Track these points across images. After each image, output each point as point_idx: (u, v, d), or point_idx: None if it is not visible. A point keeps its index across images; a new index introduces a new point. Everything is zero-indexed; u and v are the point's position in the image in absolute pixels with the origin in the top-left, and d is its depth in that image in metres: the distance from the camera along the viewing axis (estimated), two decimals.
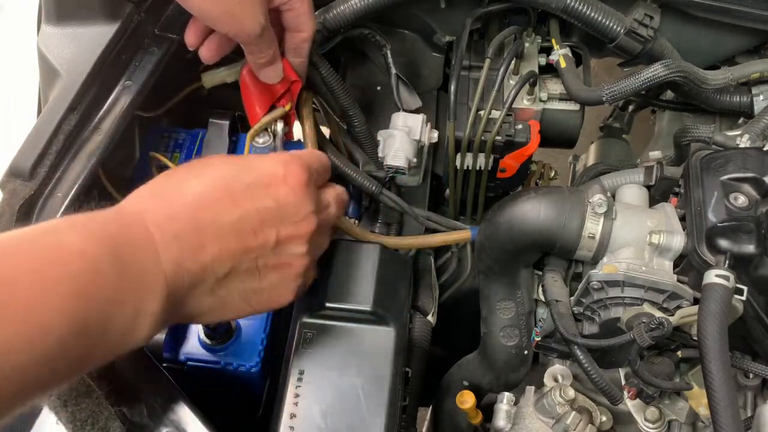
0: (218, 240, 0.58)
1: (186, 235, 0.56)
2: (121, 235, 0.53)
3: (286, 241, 0.63)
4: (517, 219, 0.78)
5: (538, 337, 0.86)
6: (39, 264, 0.46)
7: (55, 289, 0.45)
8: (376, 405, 0.71)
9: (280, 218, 0.62)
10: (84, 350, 0.48)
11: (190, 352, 0.79)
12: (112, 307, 0.49)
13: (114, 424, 0.63)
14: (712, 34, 0.93)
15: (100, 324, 0.49)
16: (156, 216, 0.56)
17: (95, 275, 0.48)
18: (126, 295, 0.51)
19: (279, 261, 0.63)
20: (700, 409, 0.78)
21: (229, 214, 0.59)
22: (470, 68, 0.95)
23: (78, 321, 0.46)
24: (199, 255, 0.57)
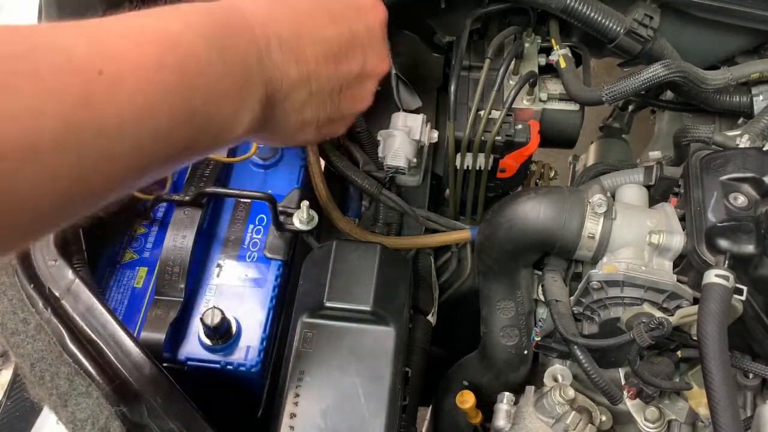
0: (316, 54, 0.57)
1: (288, 39, 0.55)
2: (226, 26, 0.51)
3: (367, 75, 0.63)
4: (517, 219, 0.78)
5: (538, 337, 0.86)
6: (145, 47, 0.45)
7: (162, 73, 0.44)
8: (376, 405, 0.71)
9: (367, 47, 0.62)
10: (189, 137, 0.47)
11: (190, 352, 0.79)
12: (216, 98, 0.48)
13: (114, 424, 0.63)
14: (712, 34, 0.93)
15: (205, 113, 0.48)
16: (257, 13, 0.54)
17: (201, 65, 0.47)
18: (229, 87, 0.50)
19: (356, 93, 0.63)
20: (699, 409, 0.78)
21: (327, 30, 0.58)
22: (470, 68, 0.95)
23: (184, 108, 0.46)
24: (301, 64, 0.56)
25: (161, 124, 0.44)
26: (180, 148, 0.47)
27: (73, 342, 0.67)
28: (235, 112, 0.51)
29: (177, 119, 0.45)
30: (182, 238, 0.84)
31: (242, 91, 0.51)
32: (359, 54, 0.61)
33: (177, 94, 0.45)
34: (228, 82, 0.49)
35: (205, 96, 0.47)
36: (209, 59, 0.48)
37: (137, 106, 0.42)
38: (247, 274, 0.86)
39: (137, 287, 0.86)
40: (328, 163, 0.91)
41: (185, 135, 0.47)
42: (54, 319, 0.69)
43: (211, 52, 0.48)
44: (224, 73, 0.49)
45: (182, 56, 0.46)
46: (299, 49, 0.56)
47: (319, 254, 0.83)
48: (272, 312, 0.83)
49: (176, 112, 0.45)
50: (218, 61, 0.48)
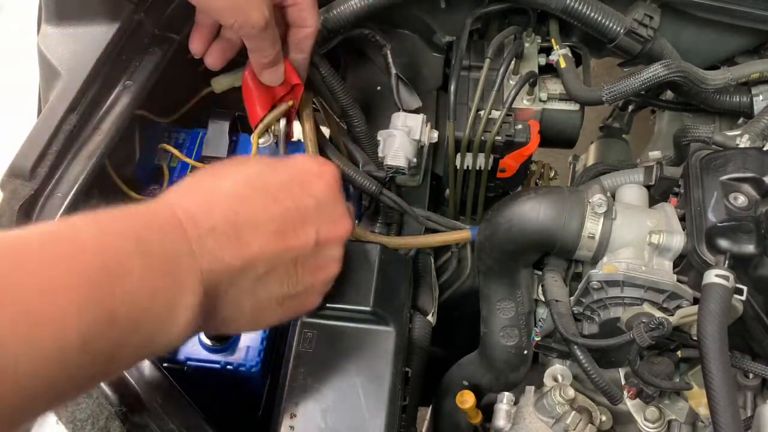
0: (258, 236, 0.56)
1: (224, 229, 0.54)
2: (148, 227, 0.50)
3: (325, 243, 0.62)
4: (517, 219, 0.78)
5: (538, 337, 0.86)
6: (50, 261, 0.43)
7: (69, 287, 0.43)
8: (376, 405, 0.71)
9: (320, 217, 0.61)
10: (113, 347, 0.45)
11: (190, 352, 0.79)
12: (141, 299, 0.47)
13: (114, 424, 0.63)
14: (712, 34, 0.93)
15: (130, 318, 0.46)
16: (189, 208, 0.53)
17: (117, 267, 0.45)
18: (156, 287, 0.48)
19: (316, 263, 0.62)
20: (699, 409, 0.78)
21: (269, 211, 0.57)
22: (470, 68, 0.95)
23: (102, 317, 0.44)
24: (240, 249, 0.54)
25: (75, 337, 0.42)
26: (102, 361, 0.45)
27: None
28: (167, 311, 0.49)
29: (96, 330, 0.43)
30: None
31: (172, 289, 0.49)
32: (309, 227, 0.60)
33: (95, 302, 0.43)
34: (153, 283, 0.48)
35: (126, 300, 0.46)
36: (129, 264, 0.46)
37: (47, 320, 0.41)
38: None
39: None
40: None
41: (107, 346, 0.45)
42: None
43: (132, 257, 0.47)
44: (150, 274, 0.47)
45: (95, 266, 0.44)
46: (237, 236, 0.54)
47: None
48: None
49: (94, 323, 0.43)
50: (140, 264, 0.47)
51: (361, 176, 0.90)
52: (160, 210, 0.52)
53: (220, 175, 0.59)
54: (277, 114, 0.84)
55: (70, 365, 0.43)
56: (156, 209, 0.52)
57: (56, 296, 0.42)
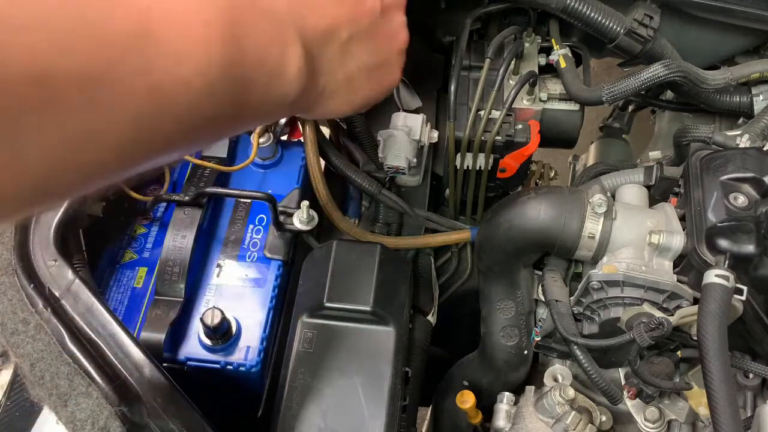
0: (334, 2, 0.57)
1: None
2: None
3: (389, 8, 0.62)
4: (517, 219, 0.78)
5: (538, 337, 0.86)
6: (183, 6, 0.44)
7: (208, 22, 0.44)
8: (376, 405, 0.71)
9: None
10: (242, 84, 0.47)
11: (190, 352, 0.79)
12: (258, 41, 0.48)
13: (114, 424, 0.63)
14: (712, 34, 0.93)
15: (254, 55, 0.47)
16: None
17: (239, 13, 0.47)
18: (268, 32, 0.49)
19: (389, 29, 0.63)
20: (699, 408, 0.78)
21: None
22: (470, 68, 0.95)
23: (233, 48, 0.45)
24: (322, 13, 0.55)
25: (215, 58, 0.44)
26: (234, 99, 0.47)
27: (73, 342, 0.67)
28: (280, 56, 0.50)
29: (229, 55, 0.45)
30: (182, 238, 0.84)
31: (282, 34, 0.51)
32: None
33: (225, 29, 0.45)
34: (267, 26, 0.49)
35: (250, 35, 0.47)
36: (245, 4, 0.48)
37: (190, 40, 0.42)
38: (247, 274, 0.86)
39: (137, 287, 0.86)
40: (328, 163, 0.91)
41: (238, 78, 0.46)
42: (54, 319, 0.69)
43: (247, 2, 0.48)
44: (262, 17, 0.49)
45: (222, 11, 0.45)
46: (314, 3, 0.55)
47: (319, 254, 0.83)
48: (272, 312, 0.83)
49: (227, 48, 0.45)
50: (254, 7, 0.48)
51: (361, 176, 0.90)
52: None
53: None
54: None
55: (209, 94, 0.44)
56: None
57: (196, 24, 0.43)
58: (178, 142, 0.45)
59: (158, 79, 0.40)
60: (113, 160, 0.40)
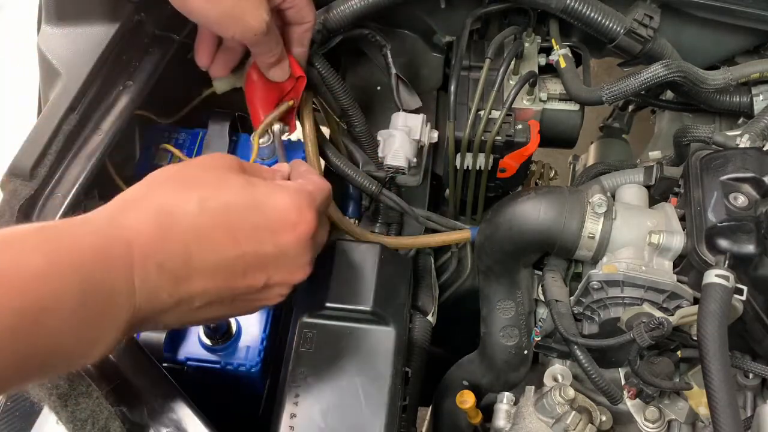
0: (206, 277, 0.55)
1: (171, 267, 0.53)
2: (96, 260, 0.50)
3: (274, 285, 0.61)
4: (517, 219, 0.78)
5: (538, 337, 0.86)
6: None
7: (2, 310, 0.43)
8: (376, 405, 0.71)
9: (276, 265, 0.60)
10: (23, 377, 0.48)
11: (190, 352, 0.79)
12: (65, 338, 0.48)
13: (114, 424, 0.63)
14: (712, 34, 0.93)
15: (48, 353, 0.47)
16: (145, 238, 0.53)
17: (52, 304, 0.46)
18: (85, 327, 0.49)
19: (257, 297, 0.62)
20: (699, 408, 0.78)
21: (225, 252, 0.56)
22: (470, 68, 0.95)
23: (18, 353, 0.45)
24: (181, 287, 0.54)
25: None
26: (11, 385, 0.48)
27: None
28: (87, 348, 0.50)
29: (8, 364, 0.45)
30: None
31: (100, 330, 0.50)
32: (261, 273, 0.59)
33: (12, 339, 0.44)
34: (84, 323, 0.48)
35: (51, 338, 0.46)
36: (65, 300, 0.47)
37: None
38: None
39: None
40: (328, 163, 0.91)
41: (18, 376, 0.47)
42: None
43: (70, 294, 0.47)
44: (82, 315, 0.48)
45: (30, 299, 0.45)
46: (183, 275, 0.54)
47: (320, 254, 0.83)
48: (272, 312, 0.83)
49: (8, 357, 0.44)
50: (77, 302, 0.47)
51: (361, 176, 0.90)
52: (116, 242, 0.52)
53: (193, 188, 0.57)
54: (279, 113, 0.83)
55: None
56: (111, 241, 0.52)
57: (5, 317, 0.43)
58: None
59: None
60: None
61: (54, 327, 0.46)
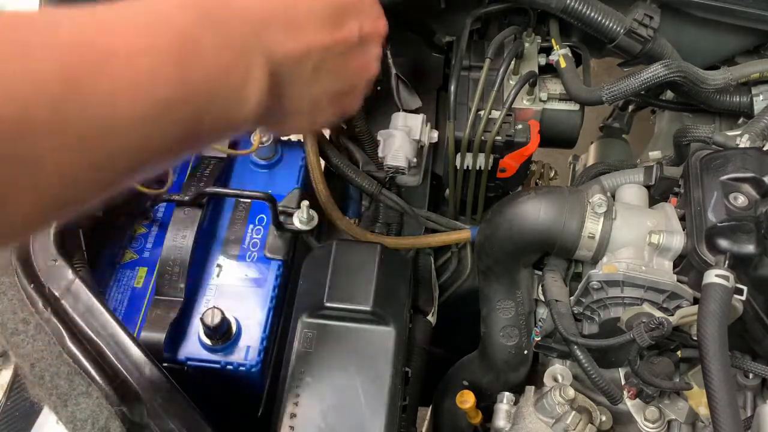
0: (312, 25, 0.57)
1: (281, 17, 0.54)
2: (221, 8, 0.50)
3: (367, 38, 0.62)
4: (517, 219, 0.78)
5: (538, 337, 0.86)
6: (136, 21, 0.44)
7: (155, 47, 0.43)
8: (376, 405, 0.71)
9: (362, 12, 0.61)
10: (192, 116, 0.46)
11: (190, 352, 0.79)
12: (216, 71, 0.48)
13: (114, 424, 0.63)
14: (712, 34, 0.93)
15: (207, 87, 0.47)
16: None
17: (196, 39, 0.46)
18: (229, 60, 0.49)
19: (360, 59, 0.62)
20: (699, 408, 0.78)
21: (320, 2, 0.58)
22: (470, 68, 0.95)
23: (183, 81, 0.45)
24: (298, 37, 0.55)
25: (159, 97, 0.43)
26: (184, 130, 0.46)
27: (73, 342, 0.67)
28: (240, 85, 0.50)
29: (176, 94, 0.44)
30: (182, 238, 0.84)
31: (244, 62, 0.50)
32: (353, 19, 0.61)
33: (174, 67, 0.44)
34: (228, 55, 0.49)
35: (204, 69, 0.47)
36: (204, 34, 0.47)
37: (129, 80, 0.41)
38: (247, 274, 0.86)
39: (137, 287, 0.86)
40: (328, 163, 0.91)
41: (187, 113, 0.46)
42: (54, 319, 0.69)
43: (206, 28, 0.48)
44: (222, 45, 0.48)
45: (176, 31, 0.45)
46: (294, 23, 0.55)
47: (319, 254, 0.83)
48: (272, 312, 0.83)
49: (175, 86, 0.44)
50: (215, 36, 0.48)
51: (361, 176, 0.90)
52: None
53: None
54: None
55: (155, 129, 0.44)
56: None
57: (140, 62, 0.42)
58: (129, 172, 0.45)
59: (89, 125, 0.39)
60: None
61: (202, 59, 0.46)
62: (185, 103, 0.45)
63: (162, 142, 0.45)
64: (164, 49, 0.44)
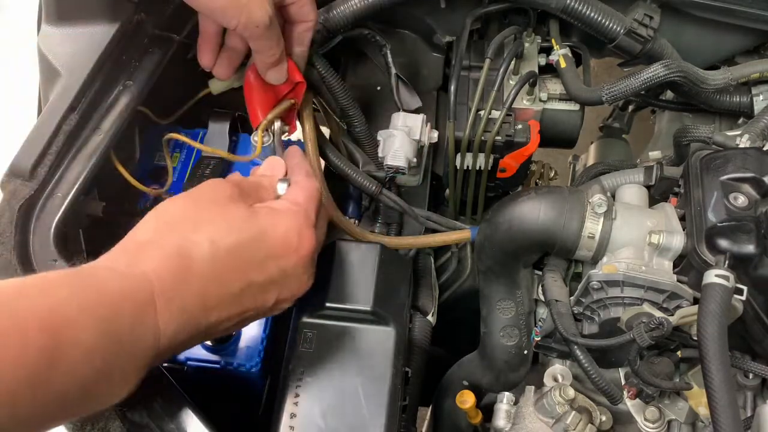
0: (221, 310, 0.60)
1: (192, 309, 0.58)
2: (120, 306, 0.53)
3: (281, 302, 0.66)
4: (517, 219, 0.78)
5: (538, 337, 0.86)
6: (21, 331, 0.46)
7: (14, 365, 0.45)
8: (376, 405, 0.71)
9: (282, 285, 0.65)
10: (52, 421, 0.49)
11: (190, 352, 0.79)
12: (90, 374, 0.50)
13: (114, 424, 0.63)
14: (712, 34, 0.93)
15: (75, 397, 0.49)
16: (166, 285, 0.56)
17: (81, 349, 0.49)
18: (109, 366, 0.51)
19: (267, 312, 0.66)
20: (699, 408, 0.78)
21: (237, 286, 0.61)
22: (470, 68, 0.95)
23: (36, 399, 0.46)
24: (201, 320, 0.59)
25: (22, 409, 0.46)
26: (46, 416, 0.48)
27: None
28: (114, 390, 0.53)
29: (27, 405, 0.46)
30: None
31: (125, 372, 0.53)
32: (271, 294, 0.64)
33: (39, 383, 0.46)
34: (105, 363, 0.51)
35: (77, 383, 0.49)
36: (93, 343, 0.49)
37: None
38: None
39: None
40: (328, 163, 0.91)
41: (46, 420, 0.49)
42: None
43: (94, 337, 0.49)
44: (107, 358, 0.51)
45: (60, 342, 0.47)
46: (204, 312, 0.59)
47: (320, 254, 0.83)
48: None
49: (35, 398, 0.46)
50: (102, 344, 0.50)
51: (361, 176, 0.90)
52: (138, 285, 0.55)
53: (202, 229, 0.61)
54: (279, 112, 0.83)
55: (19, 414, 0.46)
56: (133, 284, 0.55)
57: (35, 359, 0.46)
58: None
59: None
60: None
61: (85, 369, 0.49)
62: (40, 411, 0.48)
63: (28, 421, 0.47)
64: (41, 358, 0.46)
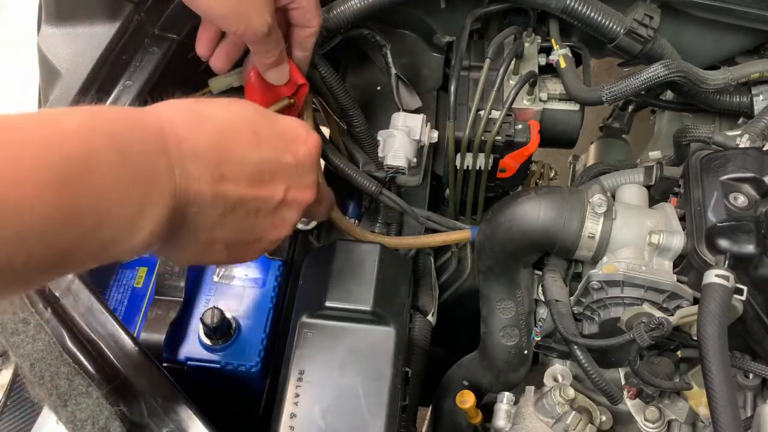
0: (234, 174, 0.56)
1: (205, 156, 0.54)
2: (131, 130, 0.49)
3: (288, 203, 0.62)
4: (517, 219, 0.78)
5: (538, 337, 0.86)
6: (21, 145, 0.42)
7: (32, 178, 0.42)
8: (376, 405, 0.71)
9: (293, 177, 0.62)
10: (72, 241, 0.45)
11: (190, 352, 0.79)
12: (109, 199, 0.46)
13: (114, 424, 0.63)
14: (712, 34, 0.93)
15: (94, 217, 0.45)
16: (177, 126, 0.53)
17: (91, 165, 0.44)
18: (128, 189, 0.47)
19: (274, 220, 0.62)
20: (700, 408, 0.78)
21: (252, 153, 0.58)
22: (470, 68, 0.95)
23: (64, 208, 0.43)
24: (216, 180, 0.54)
25: (34, 220, 0.42)
26: (59, 254, 0.44)
27: (73, 342, 0.67)
28: (133, 218, 0.48)
29: (55, 218, 0.42)
30: None
31: (144, 196, 0.48)
32: (282, 183, 0.60)
33: (57, 190, 0.42)
34: (124, 184, 0.47)
35: (94, 197, 0.45)
36: (104, 160, 0.45)
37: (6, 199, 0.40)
38: (247, 274, 0.86)
39: (137, 287, 0.86)
40: (328, 163, 0.91)
41: (66, 238, 0.44)
42: (54, 319, 0.69)
43: (108, 154, 0.46)
44: (122, 176, 0.47)
45: (68, 153, 0.44)
46: (217, 166, 0.54)
47: (320, 254, 0.83)
48: (272, 312, 0.83)
49: (54, 210, 0.42)
50: (116, 163, 0.46)
51: (361, 176, 0.90)
52: (148, 119, 0.52)
53: (218, 103, 0.59)
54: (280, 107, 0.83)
55: (28, 251, 0.42)
56: (143, 117, 0.52)
57: (20, 185, 0.41)
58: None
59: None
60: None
61: (94, 186, 0.45)
62: (66, 228, 0.44)
63: (35, 262, 0.43)
64: (50, 176, 0.42)
